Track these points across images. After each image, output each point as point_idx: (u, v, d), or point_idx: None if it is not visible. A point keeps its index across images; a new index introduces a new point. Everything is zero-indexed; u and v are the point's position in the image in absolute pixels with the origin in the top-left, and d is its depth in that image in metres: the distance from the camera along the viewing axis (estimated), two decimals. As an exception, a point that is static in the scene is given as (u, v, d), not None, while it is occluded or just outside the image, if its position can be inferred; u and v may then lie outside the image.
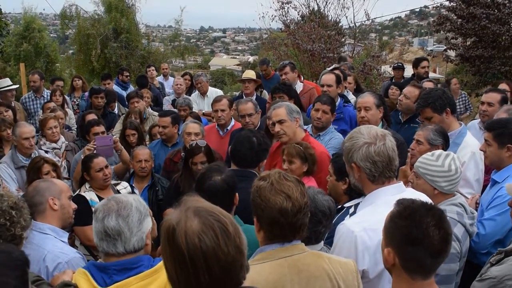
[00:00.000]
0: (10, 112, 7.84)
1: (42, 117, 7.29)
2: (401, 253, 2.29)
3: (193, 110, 8.93)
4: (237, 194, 3.57)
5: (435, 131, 4.58)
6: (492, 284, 3.03)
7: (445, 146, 4.55)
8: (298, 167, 4.56)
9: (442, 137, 4.56)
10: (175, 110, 8.21)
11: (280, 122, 5.07)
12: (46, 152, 6.67)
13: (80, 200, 5.01)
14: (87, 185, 5.31)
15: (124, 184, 5.56)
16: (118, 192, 5.29)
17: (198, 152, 5.24)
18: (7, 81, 9.57)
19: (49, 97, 9.76)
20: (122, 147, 6.23)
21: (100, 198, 5.08)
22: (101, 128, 6.66)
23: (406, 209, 2.33)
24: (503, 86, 7.47)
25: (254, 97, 8.44)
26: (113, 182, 5.50)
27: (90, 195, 5.24)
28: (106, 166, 5.26)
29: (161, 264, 2.61)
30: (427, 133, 4.58)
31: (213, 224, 1.85)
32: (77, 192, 5.30)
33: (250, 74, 8.95)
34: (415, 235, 2.24)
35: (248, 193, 2.62)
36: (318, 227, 3.27)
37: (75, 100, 10.91)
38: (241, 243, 1.89)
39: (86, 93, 10.73)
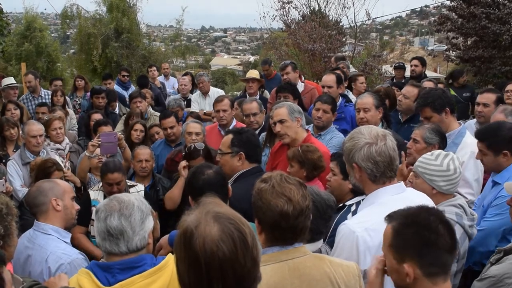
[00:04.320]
0: (18, 111, 7.89)
1: (47, 117, 7.34)
2: (422, 260, 2.25)
3: (195, 109, 8.97)
4: (230, 186, 3.63)
5: (431, 130, 4.60)
6: (492, 283, 3.05)
7: (442, 144, 4.57)
8: (297, 171, 4.46)
9: (438, 136, 4.59)
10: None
11: (281, 122, 5.05)
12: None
13: (83, 198, 5.30)
14: (100, 185, 5.40)
15: (139, 187, 5.56)
16: None
17: (197, 156, 5.26)
18: (10, 80, 9.76)
19: (47, 97, 9.78)
20: (126, 144, 6.26)
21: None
22: (109, 128, 6.75)
23: (407, 217, 2.31)
24: (510, 87, 7.46)
25: (258, 96, 8.46)
26: (128, 183, 5.53)
27: (97, 195, 5.35)
28: (118, 183, 5.20)
29: (164, 262, 2.63)
30: (423, 131, 4.61)
31: (233, 233, 1.80)
32: (89, 190, 5.48)
33: (254, 73, 8.98)
34: (428, 237, 2.23)
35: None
36: (329, 222, 3.34)
37: (77, 100, 10.91)
38: (257, 255, 1.86)
39: (88, 93, 10.75)
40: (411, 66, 10.37)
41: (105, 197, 5.26)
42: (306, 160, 4.50)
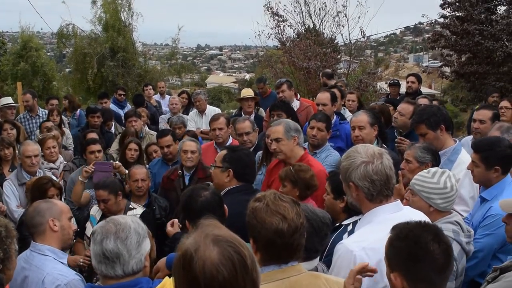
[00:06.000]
0: (14, 131, 7.88)
1: (41, 136, 7.33)
2: (408, 274, 2.28)
3: (191, 128, 8.97)
4: (226, 206, 3.64)
5: (422, 149, 4.59)
6: (489, 301, 3.04)
7: (435, 162, 4.55)
8: (289, 191, 4.42)
9: (430, 154, 4.57)
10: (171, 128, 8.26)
11: (277, 140, 5.05)
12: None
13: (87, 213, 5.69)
14: None
15: (138, 210, 5.57)
16: None
17: None
18: (8, 100, 9.77)
19: (44, 116, 9.79)
20: (126, 171, 6.27)
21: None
22: (97, 147, 6.69)
23: (403, 230, 2.34)
24: (504, 103, 7.50)
25: (253, 115, 8.48)
26: (130, 206, 5.59)
27: (96, 211, 5.55)
28: (104, 201, 5.35)
29: (160, 286, 2.61)
30: (415, 151, 4.59)
31: (233, 257, 1.81)
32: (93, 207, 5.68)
33: (250, 92, 9.01)
34: (415, 252, 2.25)
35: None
36: (325, 239, 3.33)
37: (66, 118, 10.90)
38: (257, 277, 1.87)
39: (78, 112, 10.76)
40: (407, 82, 10.33)
41: (102, 215, 5.37)
42: (298, 179, 4.48)
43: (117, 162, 6.43)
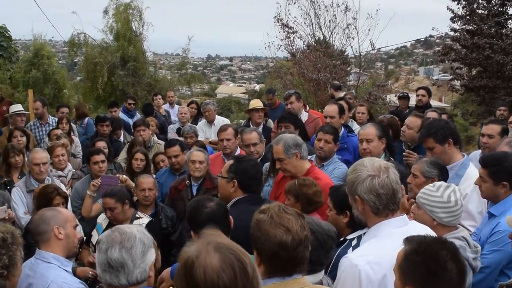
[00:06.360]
0: (24, 138, 7.93)
1: (50, 144, 7.37)
2: None
3: (200, 138, 9.00)
4: (231, 218, 3.63)
5: (429, 164, 4.56)
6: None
7: (442, 177, 4.49)
8: (292, 205, 4.34)
9: (437, 169, 4.53)
10: (180, 138, 8.27)
11: (279, 160, 5.05)
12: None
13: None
14: None
15: (144, 220, 5.56)
16: None
17: None
18: (18, 107, 9.80)
19: (54, 124, 9.84)
20: (133, 184, 6.28)
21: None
22: (101, 157, 6.68)
23: (421, 245, 2.32)
24: None
25: (261, 126, 8.48)
26: (137, 215, 5.61)
27: (102, 219, 5.62)
28: (110, 209, 5.38)
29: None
30: (422, 165, 4.56)
31: (233, 263, 1.82)
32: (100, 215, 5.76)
33: (259, 103, 9.01)
34: (433, 269, 2.22)
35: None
36: (330, 252, 3.32)
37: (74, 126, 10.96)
38: (257, 285, 1.87)
39: (86, 120, 10.82)
40: (418, 95, 10.29)
41: (109, 223, 5.41)
42: (301, 194, 4.44)
43: (124, 176, 6.41)
